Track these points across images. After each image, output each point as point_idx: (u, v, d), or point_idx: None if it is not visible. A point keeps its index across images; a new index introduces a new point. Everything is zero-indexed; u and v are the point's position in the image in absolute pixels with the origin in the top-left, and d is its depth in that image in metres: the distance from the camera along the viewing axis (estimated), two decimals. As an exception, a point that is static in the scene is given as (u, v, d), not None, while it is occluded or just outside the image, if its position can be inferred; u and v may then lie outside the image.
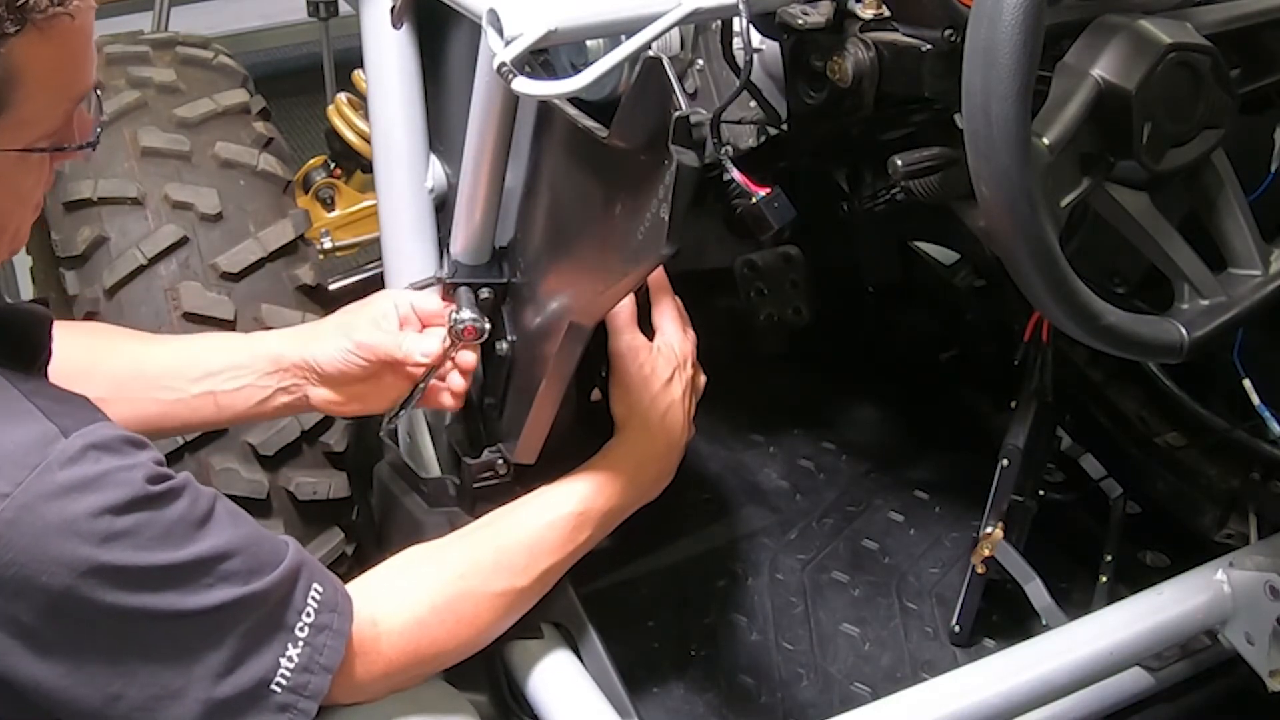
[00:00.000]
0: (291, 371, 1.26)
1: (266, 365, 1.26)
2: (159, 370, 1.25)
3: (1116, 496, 1.69)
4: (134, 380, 1.23)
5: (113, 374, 1.22)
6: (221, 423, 1.31)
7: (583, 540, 1.23)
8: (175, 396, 1.24)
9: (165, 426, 1.26)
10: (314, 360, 1.25)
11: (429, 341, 1.25)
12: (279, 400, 1.27)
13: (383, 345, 1.24)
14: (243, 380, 1.25)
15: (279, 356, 1.26)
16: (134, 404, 1.21)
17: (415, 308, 1.28)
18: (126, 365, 1.24)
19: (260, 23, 3.77)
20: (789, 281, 1.60)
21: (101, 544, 0.87)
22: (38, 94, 0.87)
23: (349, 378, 1.26)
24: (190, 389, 1.24)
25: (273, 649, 0.97)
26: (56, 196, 1.55)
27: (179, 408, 1.25)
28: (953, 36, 1.05)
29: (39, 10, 0.83)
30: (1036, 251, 0.95)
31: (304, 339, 1.27)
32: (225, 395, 1.25)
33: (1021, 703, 1.32)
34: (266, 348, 1.27)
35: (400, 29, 1.35)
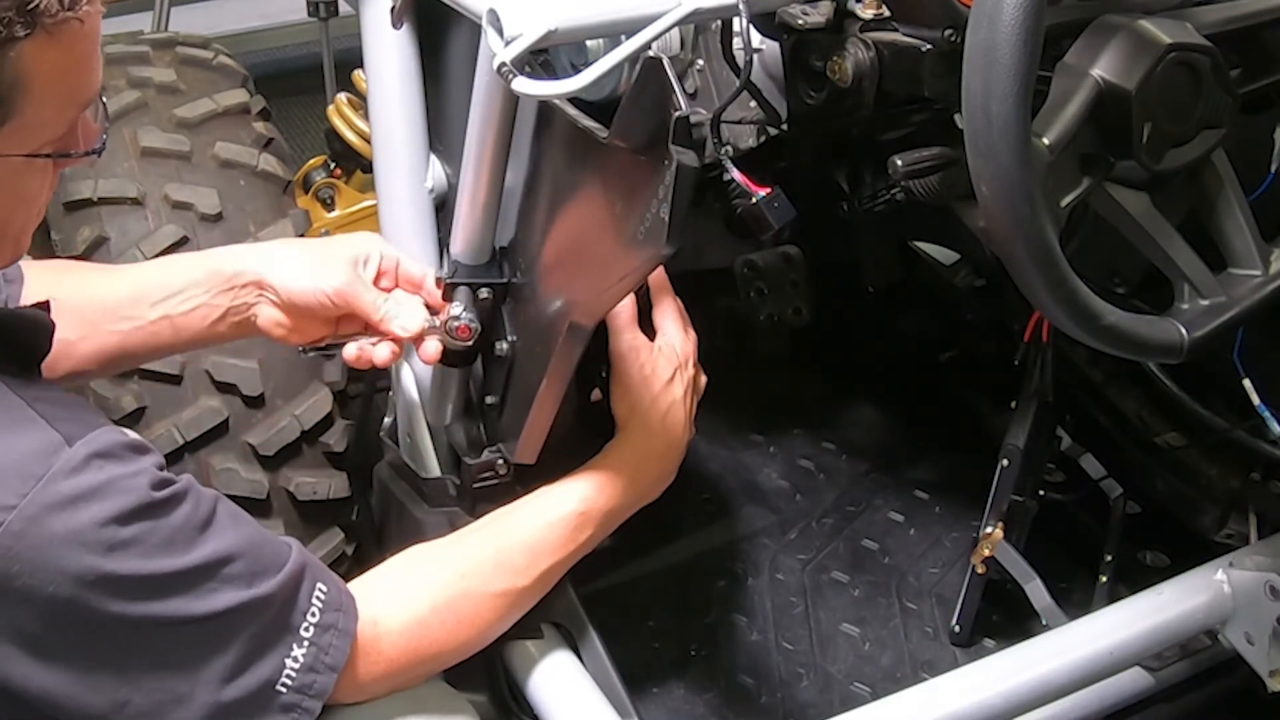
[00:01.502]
0: (248, 288, 1.22)
1: (221, 282, 1.21)
2: (119, 299, 1.22)
3: (1116, 496, 1.69)
4: (98, 314, 1.21)
5: (78, 311, 1.19)
6: (179, 347, 1.26)
7: (583, 540, 1.23)
8: (134, 325, 1.21)
9: (127, 356, 1.24)
10: (279, 285, 1.20)
11: (411, 317, 1.22)
12: (230, 319, 1.22)
13: (361, 303, 1.20)
14: (197, 299, 1.21)
15: (236, 273, 1.21)
16: (97, 336, 1.19)
17: (401, 267, 1.25)
18: (90, 300, 1.22)
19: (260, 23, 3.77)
20: (789, 281, 1.60)
21: (107, 553, 0.87)
22: (45, 99, 0.86)
23: (307, 312, 1.22)
24: (148, 314, 1.21)
25: (278, 650, 0.97)
26: (57, 196, 1.55)
27: (138, 334, 1.22)
28: (953, 36, 1.05)
29: (49, 14, 0.83)
30: (1036, 251, 0.95)
31: (269, 259, 1.22)
32: (180, 317, 1.21)
33: (1021, 703, 1.32)
34: (223, 262, 1.22)
35: (400, 29, 1.35)
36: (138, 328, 1.21)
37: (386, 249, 1.26)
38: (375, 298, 1.21)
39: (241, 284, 1.21)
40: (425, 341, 1.23)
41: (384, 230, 1.45)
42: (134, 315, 1.21)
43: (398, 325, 1.21)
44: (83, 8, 0.85)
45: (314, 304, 1.21)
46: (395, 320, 1.21)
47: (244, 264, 1.22)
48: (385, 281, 1.25)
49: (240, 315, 1.22)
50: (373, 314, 1.21)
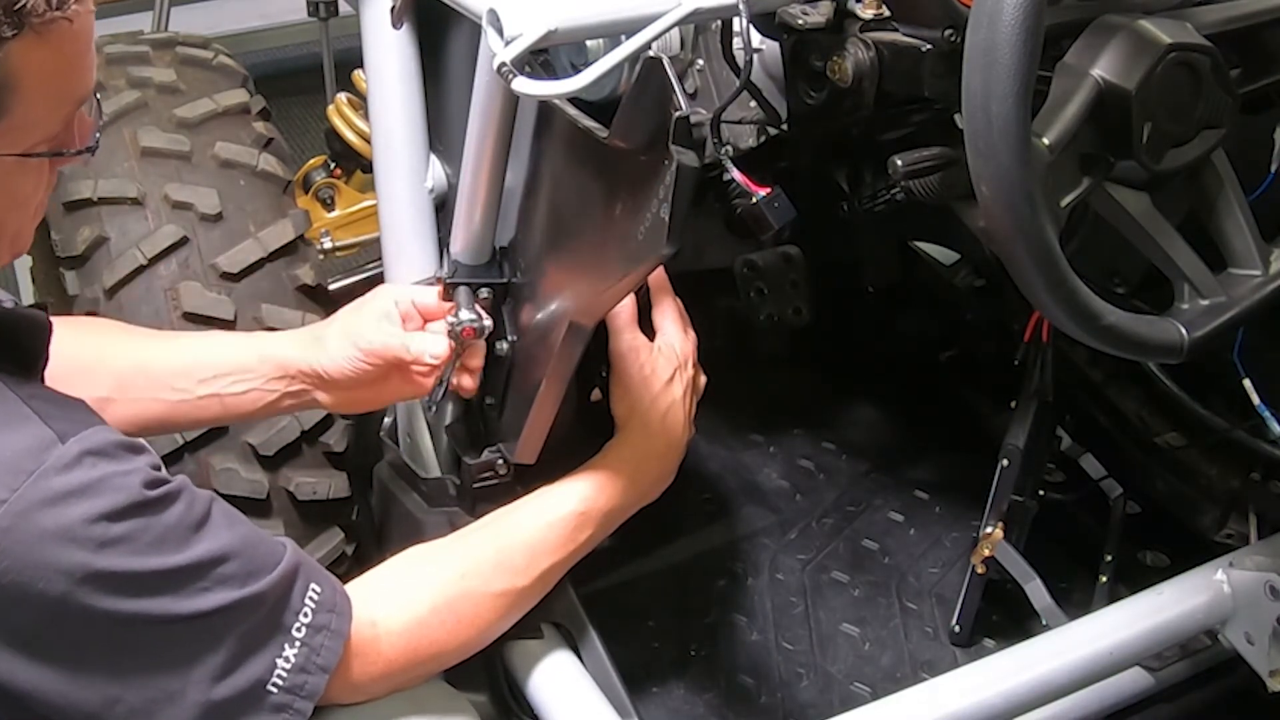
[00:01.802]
0: (298, 378, 1.26)
1: (273, 370, 1.25)
2: (164, 370, 1.24)
3: (1116, 496, 1.69)
4: (138, 379, 1.23)
5: (117, 372, 1.22)
6: (226, 421, 1.31)
7: (583, 540, 1.23)
8: (180, 397, 1.24)
9: (170, 426, 1.27)
10: (321, 368, 1.24)
11: (436, 343, 1.24)
12: (285, 404, 1.27)
13: (390, 348, 1.23)
14: (249, 384, 1.25)
15: (286, 363, 1.25)
16: (139, 404, 1.21)
17: (416, 303, 1.27)
18: (131, 364, 1.24)
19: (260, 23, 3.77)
20: (789, 281, 1.60)
21: (98, 550, 0.87)
22: (36, 99, 0.86)
23: (356, 382, 1.25)
24: (196, 390, 1.24)
25: (270, 650, 0.97)
26: (56, 196, 1.55)
27: (184, 408, 1.24)
28: (953, 36, 1.05)
29: (36, 14, 0.82)
30: (1036, 251, 0.95)
31: (309, 346, 1.26)
32: (231, 398, 1.25)
33: (1021, 703, 1.32)
34: (273, 353, 1.26)
35: (400, 29, 1.35)
36: (184, 401, 1.24)
37: (399, 294, 1.28)
38: (400, 340, 1.23)
39: (292, 373, 1.25)
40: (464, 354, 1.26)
41: (384, 230, 1.45)
42: (180, 388, 1.24)
43: (429, 356, 1.23)
44: (71, 7, 0.84)
45: (354, 373, 1.24)
46: (424, 353, 1.23)
47: (291, 354, 1.26)
48: (411, 325, 1.27)
49: (297, 400, 1.27)
50: (405, 355, 1.23)
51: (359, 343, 1.23)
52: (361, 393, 1.27)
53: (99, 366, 1.13)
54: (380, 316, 1.25)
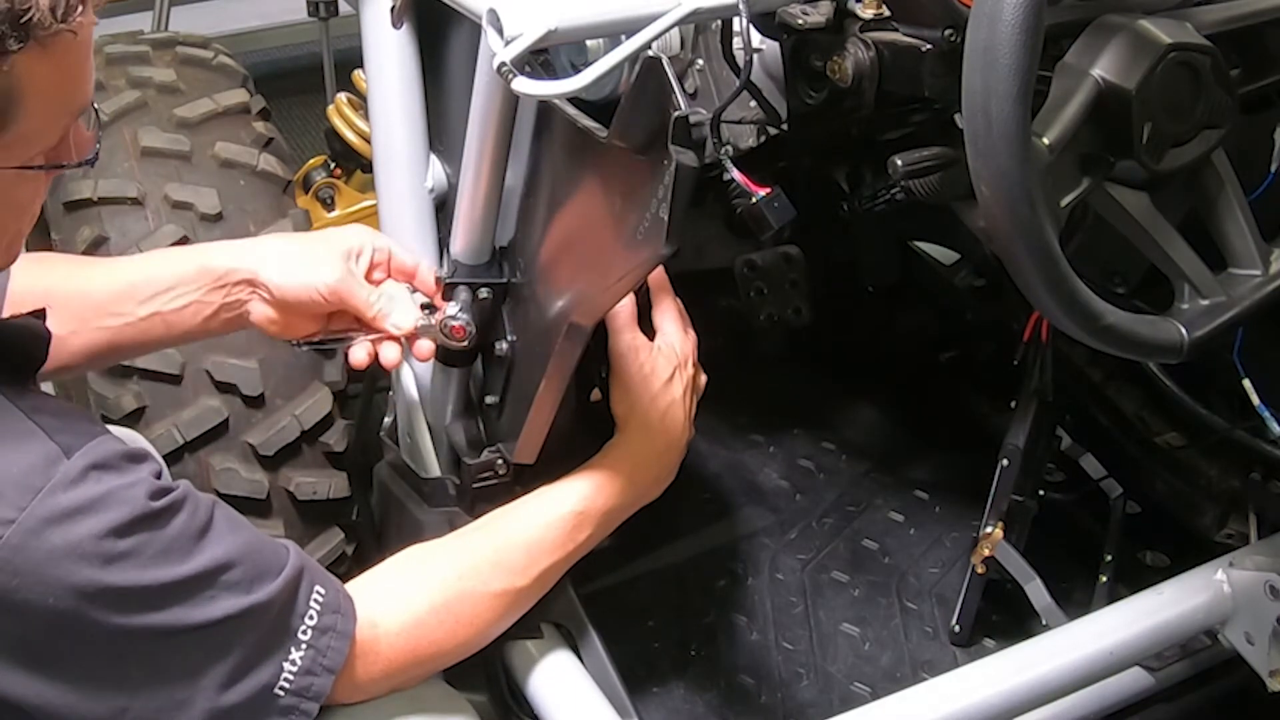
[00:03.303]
0: (240, 285, 1.21)
1: (212, 279, 1.21)
2: (106, 295, 1.22)
3: (1116, 496, 1.69)
4: (86, 310, 1.21)
5: (66, 306, 1.18)
6: (170, 342, 1.27)
7: (582, 540, 1.23)
8: (124, 321, 1.21)
9: (118, 352, 1.24)
10: (270, 282, 1.20)
11: (404, 315, 1.22)
12: (222, 316, 1.23)
13: (355, 300, 1.20)
14: (188, 297, 1.21)
15: (228, 270, 1.21)
16: (87, 334, 1.19)
17: (393, 258, 1.25)
18: (76, 295, 1.21)
19: (260, 23, 3.77)
20: (789, 281, 1.60)
21: (106, 566, 0.87)
22: (37, 110, 0.86)
23: (300, 308, 1.22)
24: (138, 311, 1.21)
25: (277, 654, 0.97)
26: (56, 196, 1.55)
27: (129, 330, 1.22)
28: (953, 36, 1.05)
29: (42, 27, 0.82)
30: (1036, 251, 0.95)
31: (261, 256, 1.22)
32: (172, 314, 1.21)
33: (1021, 703, 1.32)
34: (212, 261, 1.22)
35: (400, 29, 1.35)
36: (127, 324, 1.21)
37: (379, 240, 1.26)
38: (368, 294, 1.21)
39: (234, 281, 1.21)
40: (418, 341, 1.24)
41: (384, 230, 1.45)
42: (123, 312, 1.21)
43: (391, 323, 1.22)
44: (75, 19, 0.84)
45: (307, 301, 1.20)
46: (389, 318, 1.22)
47: (236, 261, 1.21)
48: (378, 274, 1.25)
49: (233, 311, 1.23)
50: (366, 311, 1.21)
51: (323, 274, 1.20)
52: (301, 321, 1.24)
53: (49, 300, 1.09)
54: (349, 255, 1.22)
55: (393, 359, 1.24)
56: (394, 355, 1.24)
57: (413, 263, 1.27)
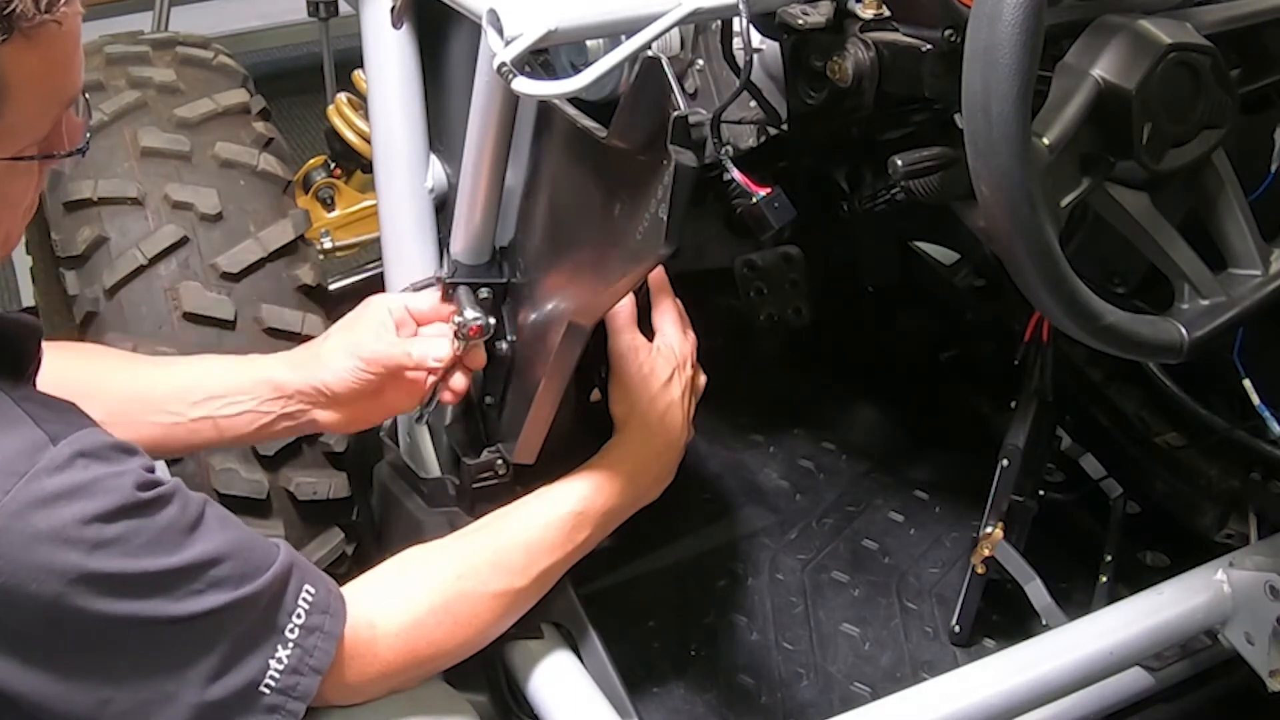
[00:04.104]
0: (295, 398, 1.25)
1: (268, 392, 1.24)
2: (157, 394, 1.24)
3: (1116, 496, 1.69)
4: (132, 403, 1.23)
5: (111, 397, 1.20)
6: (221, 444, 1.30)
7: (581, 540, 1.23)
8: (174, 420, 1.23)
9: (164, 449, 1.25)
10: (322, 385, 1.24)
11: (438, 345, 1.24)
12: (281, 425, 1.26)
13: (392, 356, 1.23)
14: (243, 406, 1.24)
15: (282, 385, 1.24)
16: (131, 427, 1.19)
17: (409, 309, 1.27)
18: (124, 388, 1.23)
19: (260, 23, 3.77)
20: (789, 281, 1.60)
21: (91, 551, 0.87)
22: (25, 101, 0.86)
23: (358, 394, 1.25)
24: (189, 413, 1.23)
25: (263, 651, 0.97)
26: (56, 196, 1.55)
27: (178, 430, 1.24)
28: (953, 36, 1.05)
29: (25, 18, 0.82)
30: (1036, 251, 0.95)
31: (306, 365, 1.25)
32: (225, 420, 1.24)
33: (1021, 703, 1.32)
34: (268, 375, 1.25)
35: (400, 29, 1.35)
36: (178, 424, 1.23)
37: (391, 302, 1.28)
38: (401, 347, 1.23)
39: (289, 393, 1.24)
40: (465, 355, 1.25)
41: (384, 230, 1.45)
42: (174, 411, 1.23)
43: (432, 360, 1.23)
44: (60, 9, 0.84)
45: (357, 384, 1.23)
46: (429, 357, 1.23)
47: (287, 375, 1.25)
48: (406, 331, 1.27)
49: (292, 421, 1.26)
50: (406, 362, 1.23)
51: (360, 353, 1.23)
52: (361, 407, 1.27)
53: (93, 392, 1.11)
54: (377, 326, 1.25)
55: (463, 386, 1.27)
56: (463, 383, 1.27)
57: (429, 305, 1.28)
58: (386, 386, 1.26)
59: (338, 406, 1.26)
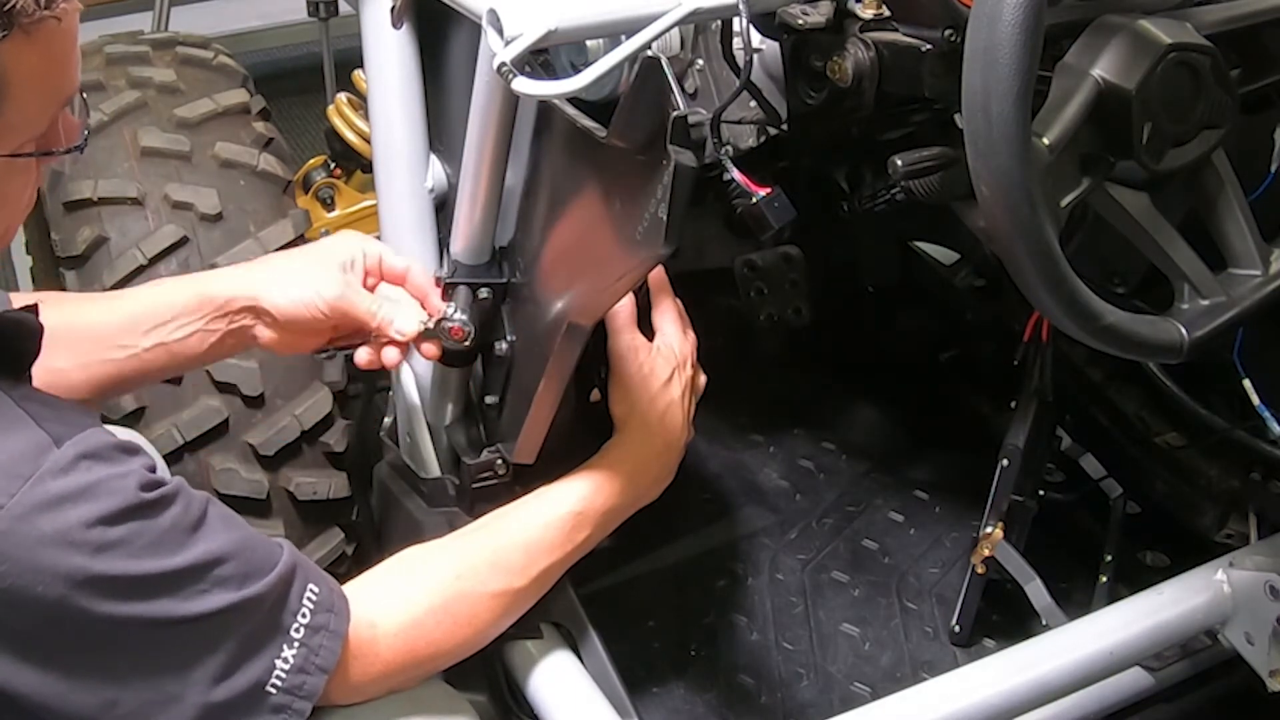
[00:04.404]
0: (242, 313, 1.21)
1: (212, 309, 1.21)
2: (111, 329, 1.22)
3: (1116, 496, 1.69)
4: (89, 343, 1.21)
5: (68, 341, 1.18)
6: (176, 370, 1.27)
7: (581, 540, 1.23)
8: (128, 353, 1.21)
9: (122, 384, 1.24)
10: (272, 305, 1.20)
11: (406, 319, 1.22)
12: (227, 343, 1.23)
13: (356, 310, 1.21)
14: (192, 326, 1.21)
15: (228, 299, 1.21)
16: (89, 368, 1.19)
17: (384, 262, 1.25)
18: (82, 330, 1.21)
19: (260, 23, 3.77)
20: (789, 281, 1.60)
21: (95, 554, 0.87)
22: (23, 98, 0.86)
23: (307, 327, 1.22)
24: (141, 342, 1.21)
25: (269, 651, 0.97)
26: (56, 196, 1.55)
27: (133, 363, 1.21)
28: (953, 36, 1.05)
29: (26, 14, 0.82)
30: (1036, 251, 0.95)
31: (257, 281, 1.22)
32: (176, 344, 1.21)
33: (1021, 703, 1.32)
34: (213, 290, 1.22)
35: (400, 29, 1.35)
36: (132, 355, 1.21)
37: (369, 246, 1.26)
38: (370, 304, 1.22)
39: (235, 309, 1.21)
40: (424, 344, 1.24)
41: (384, 230, 1.45)
42: (127, 344, 1.21)
43: (394, 330, 1.22)
44: (59, 6, 0.84)
45: (309, 318, 1.20)
46: (392, 325, 1.22)
47: (235, 288, 1.21)
48: (371, 280, 1.25)
49: (238, 337, 1.23)
50: (369, 321, 1.22)
51: (325, 293, 1.20)
52: (307, 338, 1.24)
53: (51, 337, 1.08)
54: (344, 266, 1.22)
55: (393, 360, 1.25)
56: (394, 356, 1.25)
57: (403, 266, 1.26)
58: (340, 327, 1.24)
59: (281, 330, 1.22)
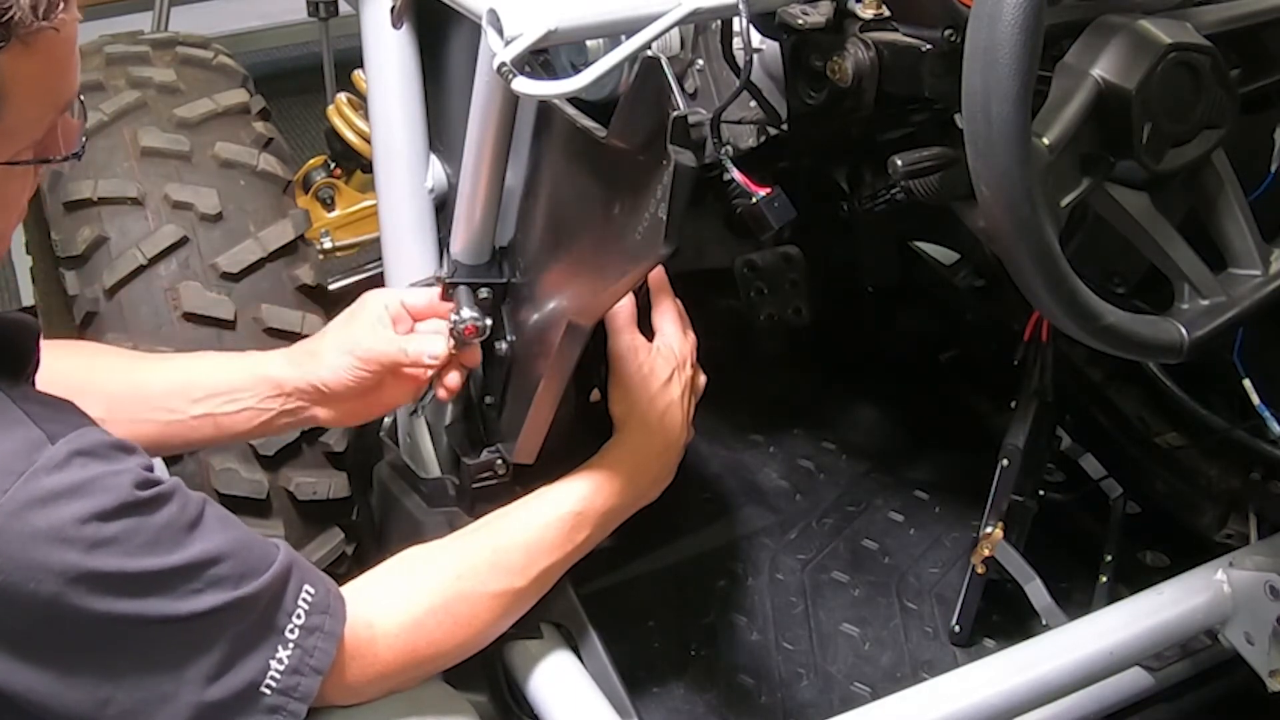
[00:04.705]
0: (294, 395, 1.25)
1: (268, 389, 1.25)
2: (156, 390, 1.24)
3: (1116, 496, 1.69)
4: (130, 400, 1.22)
5: (108, 394, 1.20)
6: (221, 441, 1.30)
7: (581, 540, 1.23)
8: (174, 418, 1.23)
9: (163, 447, 1.25)
10: (319, 382, 1.24)
11: (434, 343, 1.24)
12: (281, 421, 1.27)
13: (387, 353, 1.23)
14: (243, 404, 1.24)
15: (280, 382, 1.25)
16: (131, 425, 1.19)
17: (405, 305, 1.27)
18: (122, 385, 1.23)
19: (260, 23, 3.77)
20: (789, 281, 1.60)
21: (89, 550, 0.87)
22: (22, 105, 0.86)
23: (355, 392, 1.25)
24: (190, 410, 1.24)
25: (263, 651, 0.97)
26: (56, 196, 1.55)
27: (178, 428, 1.24)
28: (953, 36, 1.05)
29: (25, 26, 0.82)
30: (1036, 251, 0.95)
31: (303, 362, 1.26)
32: (225, 417, 1.24)
33: (1021, 703, 1.32)
34: (266, 372, 1.25)
35: (400, 29, 1.35)
36: (178, 421, 1.23)
37: (387, 297, 1.28)
38: (397, 344, 1.23)
39: (287, 390, 1.25)
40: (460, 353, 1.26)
41: (384, 230, 1.45)
42: (173, 408, 1.23)
43: (428, 357, 1.23)
44: (58, 16, 0.84)
45: (353, 382, 1.23)
46: (424, 354, 1.23)
47: (285, 372, 1.25)
48: (402, 327, 1.27)
49: (292, 417, 1.26)
50: (402, 359, 1.23)
51: (356, 351, 1.23)
52: (359, 403, 1.27)
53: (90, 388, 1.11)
54: (373, 323, 1.25)
55: (456, 384, 1.28)
56: (457, 381, 1.28)
57: (424, 301, 1.28)
58: (384, 383, 1.26)
59: (335, 403, 1.26)
